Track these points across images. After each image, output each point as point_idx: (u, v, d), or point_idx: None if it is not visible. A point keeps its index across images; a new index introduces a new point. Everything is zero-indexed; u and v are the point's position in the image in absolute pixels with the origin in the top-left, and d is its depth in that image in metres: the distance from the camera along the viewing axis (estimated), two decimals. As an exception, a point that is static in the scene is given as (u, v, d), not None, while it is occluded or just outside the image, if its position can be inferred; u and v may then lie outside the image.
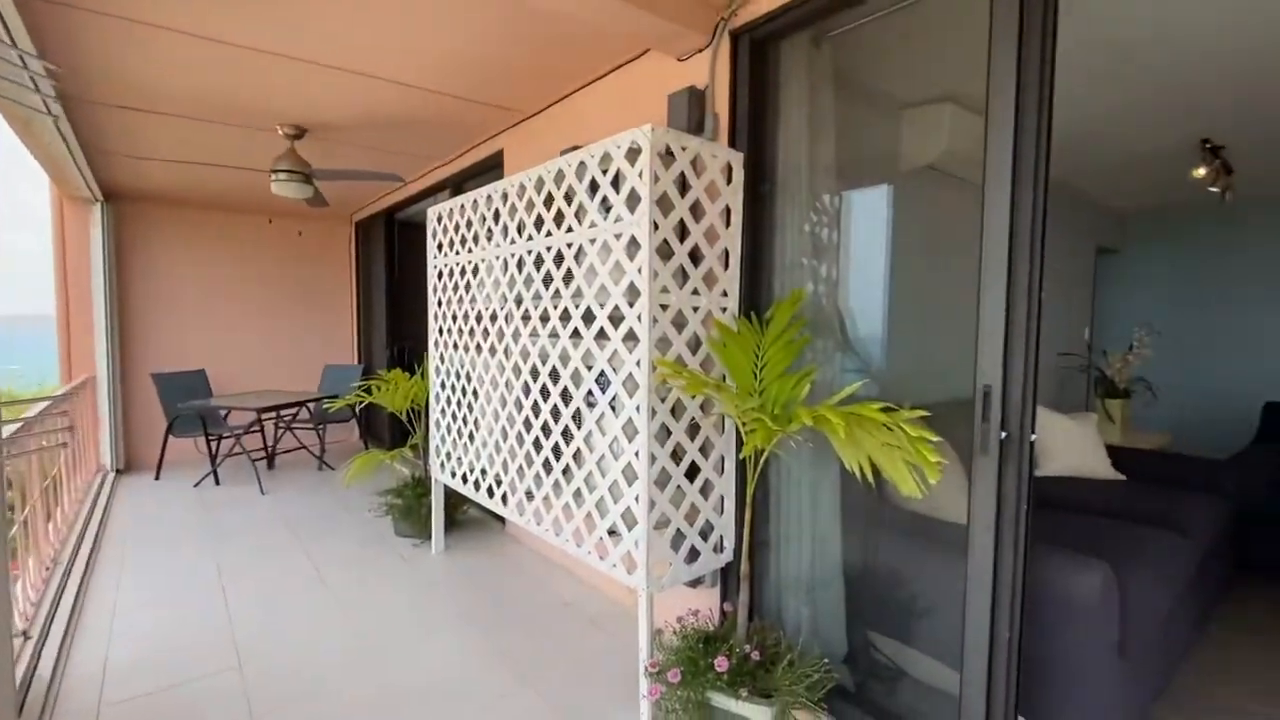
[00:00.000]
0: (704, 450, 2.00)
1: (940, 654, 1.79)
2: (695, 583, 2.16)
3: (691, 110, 2.10)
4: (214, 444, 4.79)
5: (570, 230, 2.07)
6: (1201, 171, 3.47)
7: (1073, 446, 3.19)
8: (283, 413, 5.17)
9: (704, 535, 2.03)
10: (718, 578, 2.19)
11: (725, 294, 2.03)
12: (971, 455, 1.52)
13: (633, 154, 1.80)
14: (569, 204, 2.07)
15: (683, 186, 1.87)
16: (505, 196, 2.45)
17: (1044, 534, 2.18)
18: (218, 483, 4.66)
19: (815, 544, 2.07)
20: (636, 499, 1.82)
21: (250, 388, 5.91)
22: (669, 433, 1.87)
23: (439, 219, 3.07)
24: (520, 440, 2.41)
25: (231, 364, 5.95)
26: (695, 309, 1.93)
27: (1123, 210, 5.59)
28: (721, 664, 1.62)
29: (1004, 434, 1.47)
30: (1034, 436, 1.48)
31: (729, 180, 2.01)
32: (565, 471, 2.17)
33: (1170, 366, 5.52)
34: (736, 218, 2.02)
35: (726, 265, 2.04)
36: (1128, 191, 4.82)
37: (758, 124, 2.08)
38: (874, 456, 1.53)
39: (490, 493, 2.68)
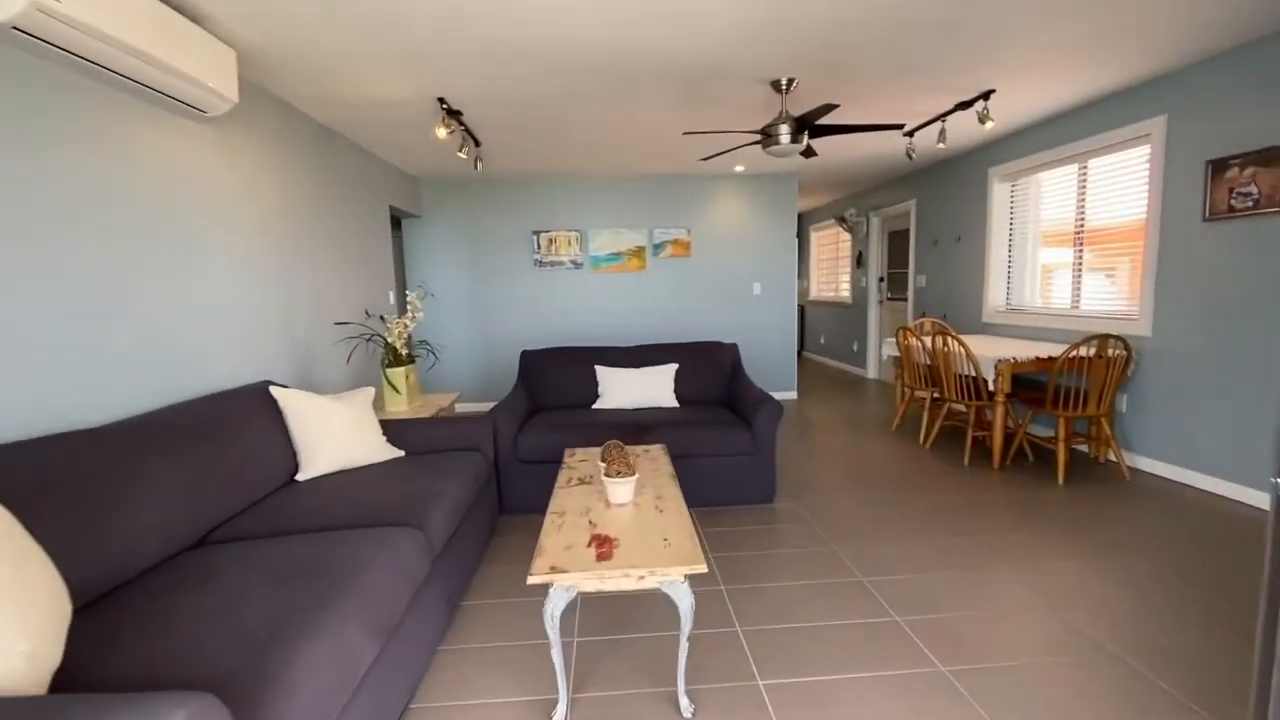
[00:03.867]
0: None
1: None
2: None
3: None
4: None
5: None
6: (443, 133, 3.49)
7: (342, 434, 2.71)
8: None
9: None
10: None
11: None
12: None
13: None
14: None
15: None
16: None
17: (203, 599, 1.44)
18: None
19: None
20: None
21: None
22: None
23: None
24: None
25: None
26: None
27: (416, 176, 5.73)
28: None
29: None
30: None
31: None
32: None
33: (463, 325, 6.15)
34: None
35: None
36: (408, 152, 4.80)
37: None
38: None
39: None
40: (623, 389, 3.89)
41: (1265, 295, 3.03)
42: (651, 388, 3.90)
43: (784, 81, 3.33)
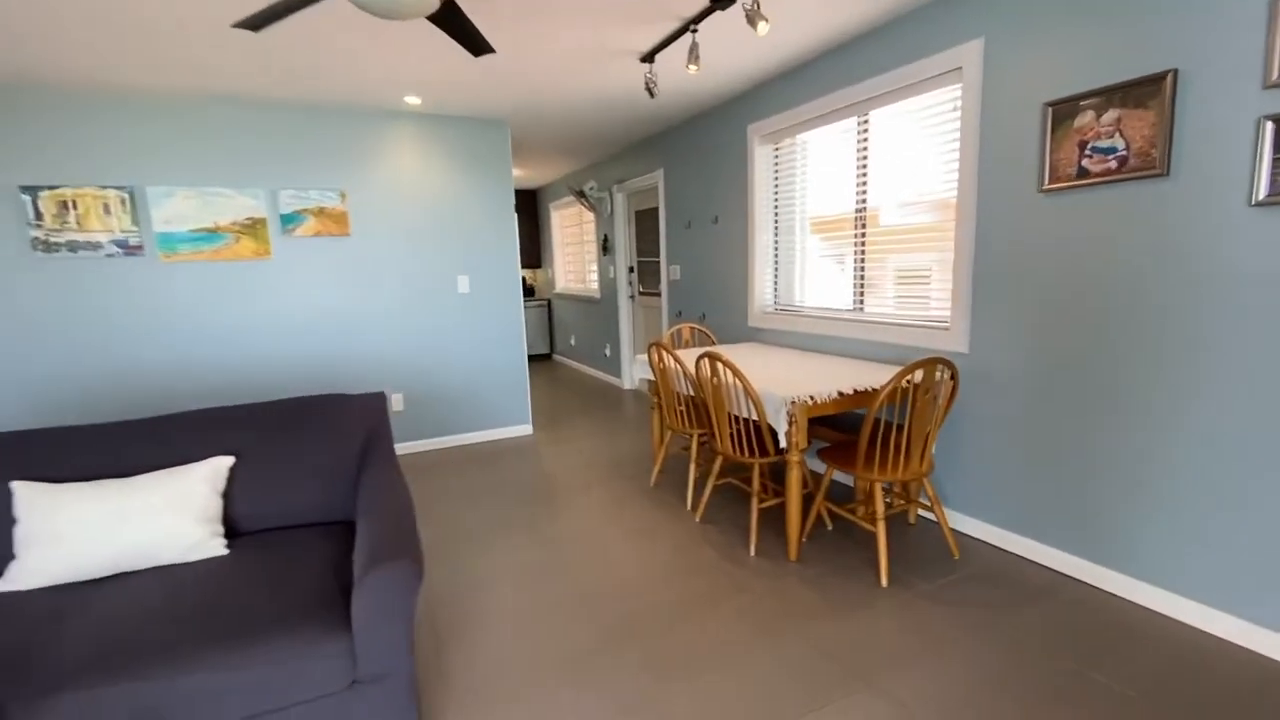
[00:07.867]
0: None
1: None
2: None
3: None
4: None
5: None
6: None
7: None
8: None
9: None
10: None
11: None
12: None
13: None
14: None
15: None
16: None
17: None
18: None
19: None
20: None
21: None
22: None
23: None
24: None
25: None
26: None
27: None
28: None
29: None
30: None
31: None
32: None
33: None
34: None
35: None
36: None
37: None
38: None
39: None
40: (79, 534, 1.69)
41: (1129, 298, 2.10)
42: (158, 520, 1.77)
43: None
